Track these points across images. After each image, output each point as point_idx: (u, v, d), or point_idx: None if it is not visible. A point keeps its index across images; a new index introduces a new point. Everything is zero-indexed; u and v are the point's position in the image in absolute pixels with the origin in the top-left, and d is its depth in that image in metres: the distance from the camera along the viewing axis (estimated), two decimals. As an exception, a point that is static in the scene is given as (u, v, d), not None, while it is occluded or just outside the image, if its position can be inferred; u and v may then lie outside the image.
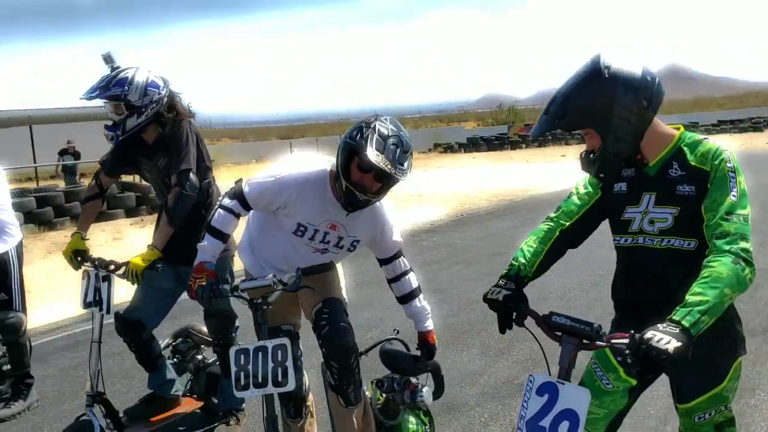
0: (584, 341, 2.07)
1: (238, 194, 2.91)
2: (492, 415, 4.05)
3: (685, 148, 2.22)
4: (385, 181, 2.68)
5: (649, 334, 1.88)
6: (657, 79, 2.17)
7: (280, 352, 2.67)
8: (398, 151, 2.62)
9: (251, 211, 3.03)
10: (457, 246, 9.60)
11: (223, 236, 2.93)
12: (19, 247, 4.30)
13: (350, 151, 2.65)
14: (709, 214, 2.11)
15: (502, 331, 2.29)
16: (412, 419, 3.32)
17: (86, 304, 3.45)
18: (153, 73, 3.55)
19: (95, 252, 3.67)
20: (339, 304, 3.08)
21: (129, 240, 11.07)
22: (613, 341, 2.00)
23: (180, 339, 3.96)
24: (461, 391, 4.40)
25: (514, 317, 2.23)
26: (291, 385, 2.65)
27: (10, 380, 4.37)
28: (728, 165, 2.14)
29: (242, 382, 2.66)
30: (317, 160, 2.94)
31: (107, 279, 3.39)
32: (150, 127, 3.56)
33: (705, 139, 2.23)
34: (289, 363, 2.65)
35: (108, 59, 3.57)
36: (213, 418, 3.83)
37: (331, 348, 2.98)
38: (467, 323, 5.80)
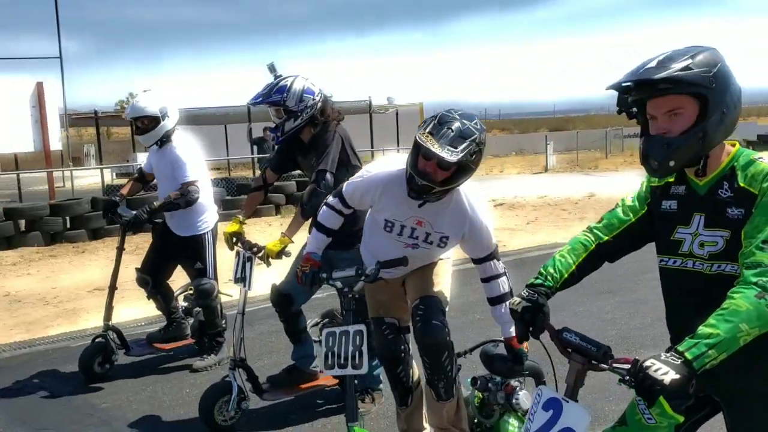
0: (592, 361, 2.02)
1: (338, 193, 3.22)
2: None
3: (737, 167, 2.04)
4: (447, 168, 2.76)
5: (648, 363, 1.78)
6: None
7: (358, 337, 2.93)
8: (452, 135, 2.71)
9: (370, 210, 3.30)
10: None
11: (327, 231, 3.28)
12: (215, 227, 5.07)
13: (414, 141, 2.79)
14: (747, 241, 1.94)
15: (520, 341, 2.28)
16: (512, 421, 3.33)
17: (236, 280, 4.02)
18: (309, 81, 4.00)
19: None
20: (436, 301, 3.21)
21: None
22: (615, 365, 1.92)
23: (326, 319, 4.37)
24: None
25: (531, 330, 2.21)
26: (364, 369, 2.89)
27: (206, 337, 5.17)
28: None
29: (329, 362, 2.98)
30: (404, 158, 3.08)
31: (250, 259, 3.92)
32: (305, 129, 4.01)
33: (760, 158, 2.04)
34: (364, 348, 2.89)
35: (271, 68, 4.08)
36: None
37: (422, 344, 3.15)
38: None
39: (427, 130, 2.73)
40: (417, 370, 3.47)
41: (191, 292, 5.18)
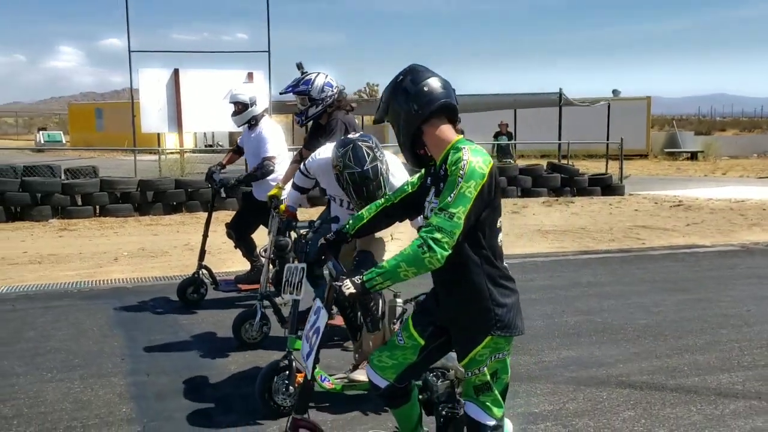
0: (334, 281, 2.70)
1: (304, 164, 4.25)
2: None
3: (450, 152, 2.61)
4: None
5: (345, 281, 2.52)
6: None
7: (300, 272, 3.78)
8: None
9: None
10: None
11: (300, 189, 4.47)
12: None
13: None
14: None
15: (317, 258, 3.02)
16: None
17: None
18: (329, 77, 4.96)
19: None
20: (367, 255, 3.99)
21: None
22: (335, 283, 2.62)
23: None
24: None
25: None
26: (298, 296, 3.73)
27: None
28: (460, 171, 2.48)
29: (285, 288, 3.89)
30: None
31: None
32: (324, 115, 5.00)
33: (463, 148, 2.57)
34: (304, 281, 3.73)
35: (299, 66, 5.11)
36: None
37: None
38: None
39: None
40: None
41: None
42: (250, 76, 14.96)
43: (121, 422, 3.84)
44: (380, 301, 4.04)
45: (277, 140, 5.94)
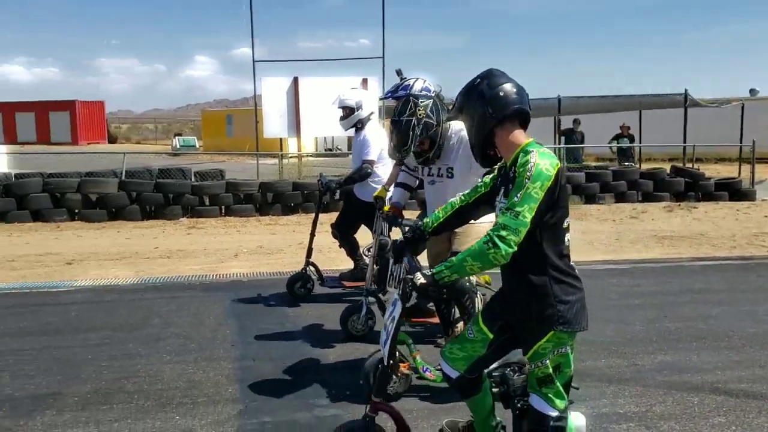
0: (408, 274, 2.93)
1: None
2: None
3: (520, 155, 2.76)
4: None
5: (414, 275, 2.74)
6: None
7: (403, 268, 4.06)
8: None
9: None
10: None
11: (404, 186, 4.95)
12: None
13: None
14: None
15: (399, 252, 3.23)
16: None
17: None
18: (427, 82, 5.12)
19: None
20: None
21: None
22: (408, 275, 2.84)
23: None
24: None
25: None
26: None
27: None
28: (528, 173, 2.63)
29: (389, 281, 4.19)
30: None
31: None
32: None
33: (532, 151, 2.71)
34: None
35: (399, 73, 5.30)
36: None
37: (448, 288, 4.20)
38: None
39: None
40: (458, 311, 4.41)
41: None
42: (364, 82, 15.42)
43: (227, 401, 4.22)
44: (476, 300, 4.19)
45: (378, 144, 6.19)
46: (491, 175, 3.04)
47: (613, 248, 9.86)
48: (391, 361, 3.03)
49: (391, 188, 5.11)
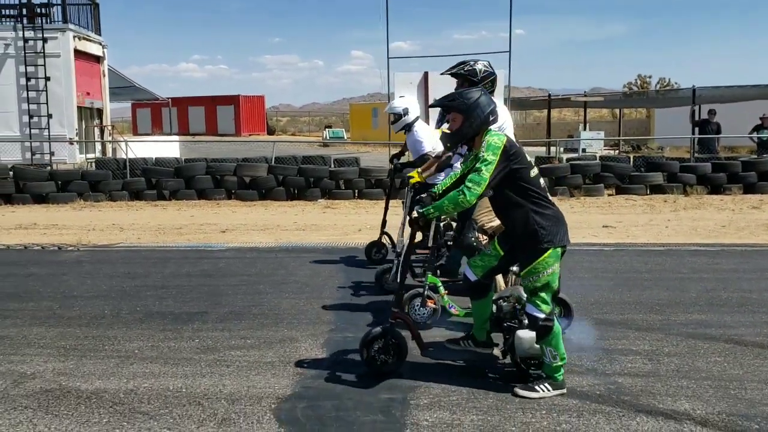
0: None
1: None
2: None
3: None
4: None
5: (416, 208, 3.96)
6: None
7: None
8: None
9: None
10: None
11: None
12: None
13: None
14: None
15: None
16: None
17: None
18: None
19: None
20: (471, 222, 5.22)
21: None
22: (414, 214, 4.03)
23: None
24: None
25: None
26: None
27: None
28: (484, 147, 3.90)
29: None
30: None
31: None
32: None
33: (487, 134, 3.96)
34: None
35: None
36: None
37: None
38: None
39: None
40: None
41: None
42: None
43: (323, 323, 5.57)
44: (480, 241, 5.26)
45: (429, 138, 7.11)
46: (471, 155, 4.15)
47: (715, 234, 10.22)
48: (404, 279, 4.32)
49: (425, 175, 6.08)
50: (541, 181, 4.03)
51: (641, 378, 4.35)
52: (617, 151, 26.76)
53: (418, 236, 5.51)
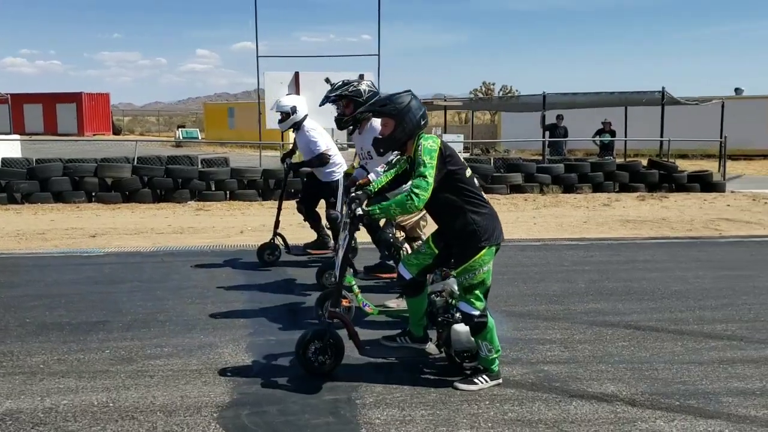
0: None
1: None
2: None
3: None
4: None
5: (357, 208, 3.94)
6: None
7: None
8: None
9: None
10: None
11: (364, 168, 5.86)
12: (342, 176, 6.94)
13: None
14: None
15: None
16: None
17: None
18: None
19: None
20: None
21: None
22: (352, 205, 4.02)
23: None
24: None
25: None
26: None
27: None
28: (420, 152, 3.92)
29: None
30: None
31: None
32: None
33: (420, 139, 4.00)
34: None
35: (327, 80, 6.40)
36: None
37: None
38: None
39: None
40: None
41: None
42: (361, 77, 16.53)
43: (238, 327, 5.37)
44: (401, 249, 5.41)
45: (322, 138, 7.21)
46: (402, 160, 4.23)
47: (579, 229, 10.98)
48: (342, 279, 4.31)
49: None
50: (475, 180, 4.11)
51: (564, 365, 4.59)
52: (469, 153, 27.97)
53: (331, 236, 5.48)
